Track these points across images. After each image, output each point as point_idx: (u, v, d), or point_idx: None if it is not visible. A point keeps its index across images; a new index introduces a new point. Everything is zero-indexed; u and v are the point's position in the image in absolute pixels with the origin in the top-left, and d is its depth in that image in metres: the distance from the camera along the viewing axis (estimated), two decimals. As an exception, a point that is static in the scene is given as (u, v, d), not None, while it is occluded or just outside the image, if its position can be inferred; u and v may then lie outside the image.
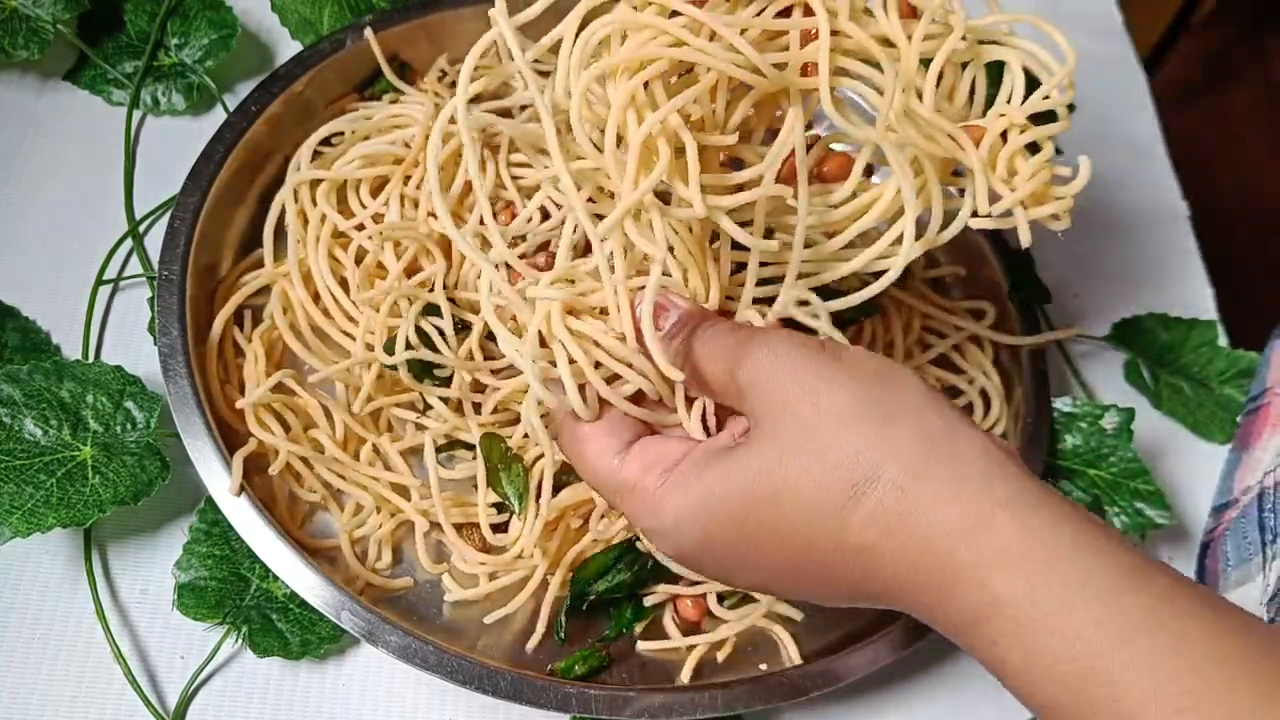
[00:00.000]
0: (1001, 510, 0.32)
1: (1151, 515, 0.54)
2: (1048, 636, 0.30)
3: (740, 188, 0.38)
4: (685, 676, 0.46)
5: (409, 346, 0.47)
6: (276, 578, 0.45)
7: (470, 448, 0.49)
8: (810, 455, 0.33)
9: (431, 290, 0.49)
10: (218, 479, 0.44)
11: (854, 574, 0.33)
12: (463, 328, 0.49)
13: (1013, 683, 0.33)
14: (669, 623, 0.48)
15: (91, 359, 0.51)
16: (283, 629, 0.45)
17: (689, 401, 0.38)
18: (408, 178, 0.52)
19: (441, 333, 0.48)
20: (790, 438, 0.34)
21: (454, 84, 0.59)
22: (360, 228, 0.52)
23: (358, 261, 0.51)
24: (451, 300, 0.49)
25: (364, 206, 0.52)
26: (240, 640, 0.45)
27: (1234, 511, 0.55)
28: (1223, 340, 0.62)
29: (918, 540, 0.32)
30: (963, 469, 0.33)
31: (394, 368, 0.47)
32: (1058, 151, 0.72)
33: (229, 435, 0.47)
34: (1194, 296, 0.64)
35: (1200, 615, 0.30)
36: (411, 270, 0.51)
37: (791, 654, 0.47)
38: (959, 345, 0.56)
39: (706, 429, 0.38)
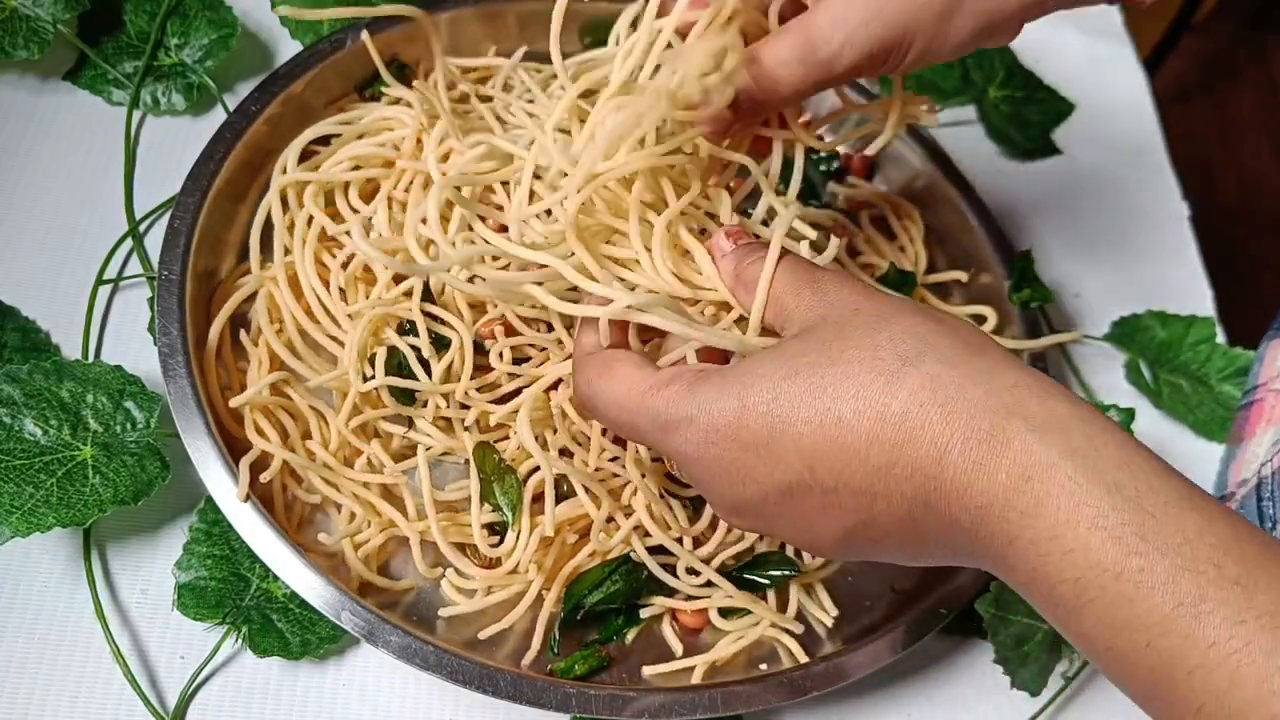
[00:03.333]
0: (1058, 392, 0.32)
1: (1151, 515, 0.54)
2: (1104, 494, 0.29)
3: None
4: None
5: (388, 372, 0.47)
6: (276, 578, 0.45)
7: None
8: (861, 329, 0.34)
9: (415, 295, 0.49)
10: (218, 479, 0.44)
11: (891, 440, 0.32)
12: (444, 344, 0.49)
13: (1044, 554, 0.30)
14: (668, 632, 0.48)
15: (91, 359, 0.51)
16: (283, 629, 0.45)
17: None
18: (398, 181, 0.52)
19: (419, 353, 0.47)
20: (837, 322, 0.34)
21: (451, 84, 0.59)
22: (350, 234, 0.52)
23: (344, 266, 0.50)
24: (433, 316, 0.49)
25: (353, 210, 0.52)
26: (240, 640, 0.45)
27: (1231, 504, 0.55)
28: (1221, 339, 0.62)
29: (969, 402, 0.31)
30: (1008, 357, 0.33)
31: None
32: (1058, 151, 0.72)
33: (229, 436, 0.47)
34: (1193, 296, 0.64)
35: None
36: (401, 273, 0.51)
37: (798, 655, 0.47)
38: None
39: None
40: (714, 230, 0.41)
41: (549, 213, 0.42)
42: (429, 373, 0.48)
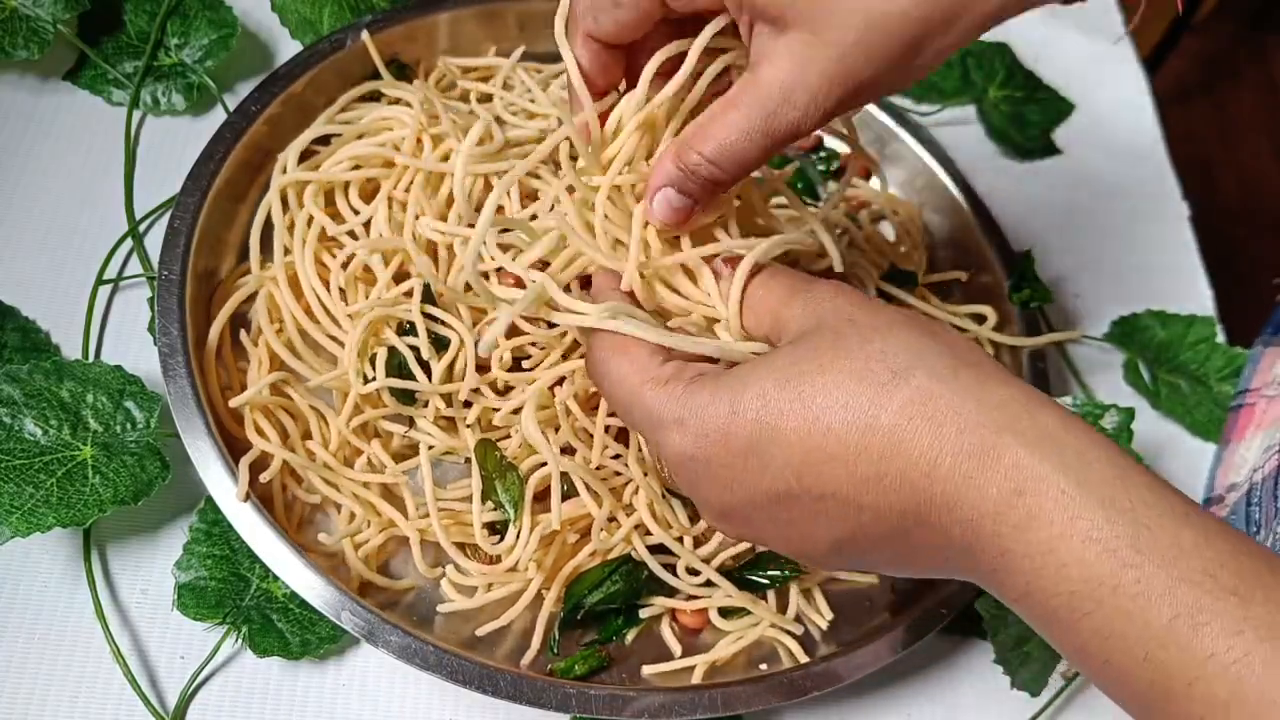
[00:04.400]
0: (1050, 404, 0.32)
1: (1151, 515, 0.54)
2: (1096, 508, 0.29)
3: None
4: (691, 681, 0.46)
5: (389, 372, 0.47)
6: (276, 578, 0.45)
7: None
8: (854, 340, 0.33)
9: (417, 297, 0.49)
10: (218, 479, 0.44)
11: (880, 452, 0.32)
12: (444, 345, 0.48)
13: (1026, 576, 0.30)
14: (667, 633, 0.48)
15: (91, 359, 0.51)
16: (283, 629, 0.45)
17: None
18: (398, 181, 0.52)
19: (418, 354, 0.47)
20: (831, 331, 0.34)
21: (452, 84, 0.59)
22: (351, 234, 0.52)
23: (344, 266, 0.50)
24: (432, 317, 0.49)
25: (354, 210, 0.52)
26: (240, 640, 0.45)
27: (1222, 510, 0.55)
28: (1221, 338, 0.62)
29: (960, 417, 0.31)
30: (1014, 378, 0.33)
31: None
32: (1058, 151, 0.72)
33: (229, 436, 0.47)
34: (1193, 297, 0.65)
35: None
36: (401, 274, 0.51)
37: (798, 655, 0.47)
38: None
39: None
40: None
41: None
42: (429, 373, 0.48)
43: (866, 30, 0.35)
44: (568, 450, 0.48)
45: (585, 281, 0.49)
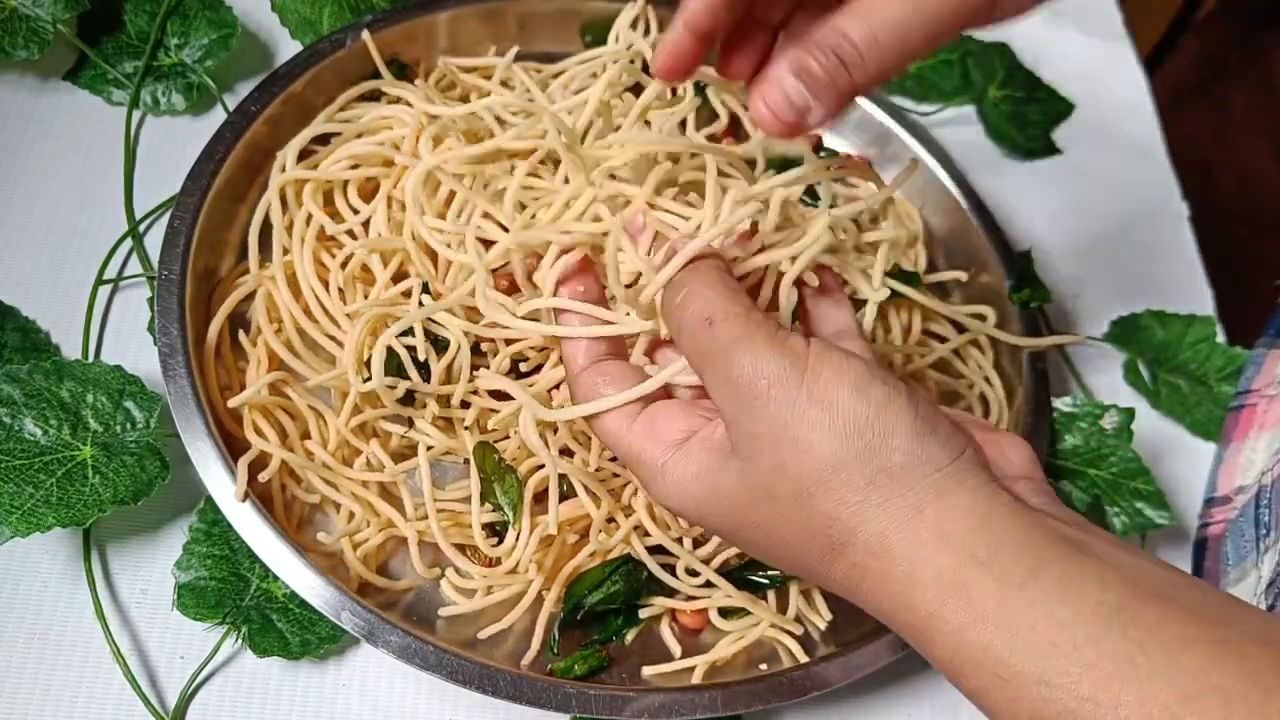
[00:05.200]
0: (980, 569, 0.31)
1: (1151, 515, 0.54)
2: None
3: None
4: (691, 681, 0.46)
5: (387, 372, 0.47)
6: (276, 578, 0.45)
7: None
8: (791, 508, 0.33)
9: (416, 297, 0.48)
10: (218, 479, 0.44)
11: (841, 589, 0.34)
12: (443, 346, 0.48)
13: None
14: (667, 633, 0.48)
15: (91, 359, 0.51)
16: (283, 629, 0.45)
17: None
18: (397, 180, 0.52)
19: (414, 355, 0.47)
20: (771, 483, 0.33)
21: (452, 84, 0.59)
22: (350, 234, 0.52)
23: (343, 266, 0.50)
24: (431, 318, 0.49)
25: (353, 210, 0.52)
26: (240, 640, 0.45)
27: (1228, 511, 0.55)
28: (1221, 338, 0.62)
29: (894, 595, 0.32)
30: (948, 529, 0.31)
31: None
32: (1058, 151, 0.72)
33: (229, 436, 0.47)
34: (1193, 297, 0.64)
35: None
36: (401, 273, 0.51)
37: (798, 655, 0.47)
38: (959, 350, 0.56)
39: None
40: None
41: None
42: (429, 374, 0.48)
43: None
44: (566, 452, 0.48)
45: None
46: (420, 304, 0.48)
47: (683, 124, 0.60)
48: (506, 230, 0.44)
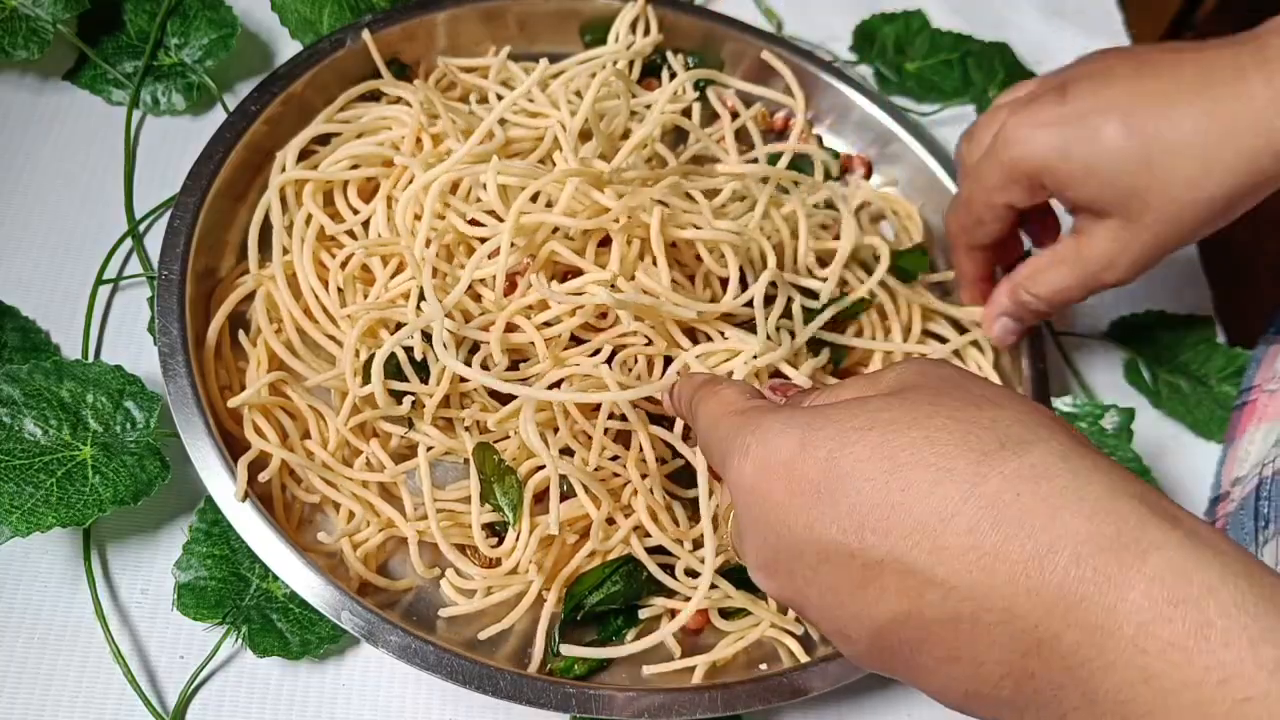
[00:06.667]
0: None
1: (1151, 515, 0.54)
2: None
3: None
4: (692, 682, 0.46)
5: (387, 373, 0.47)
6: (276, 578, 0.45)
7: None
8: (960, 401, 0.30)
9: (414, 302, 0.48)
10: (218, 479, 0.44)
11: (971, 521, 0.27)
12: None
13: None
14: (667, 633, 0.48)
15: (91, 359, 0.51)
16: (283, 629, 0.45)
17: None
18: (397, 181, 0.52)
19: (411, 354, 0.47)
20: (936, 389, 0.31)
21: (451, 84, 0.59)
22: (350, 234, 0.52)
23: (343, 266, 0.50)
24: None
25: (353, 210, 0.52)
26: (240, 640, 0.45)
27: (1230, 505, 0.55)
28: (1221, 339, 0.62)
29: (1087, 501, 0.26)
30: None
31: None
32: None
33: (229, 436, 0.47)
34: (1193, 297, 0.64)
35: None
36: (401, 273, 0.50)
37: (798, 655, 0.47)
38: (959, 351, 0.57)
39: None
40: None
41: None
42: (427, 375, 0.48)
43: (1177, 217, 0.44)
44: (566, 452, 0.48)
45: (565, 274, 0.49)
46: (419, 308, 0.48)
47: (687, 111, 0.60)
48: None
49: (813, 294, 0.53)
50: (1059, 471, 0.27)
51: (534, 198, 0.49)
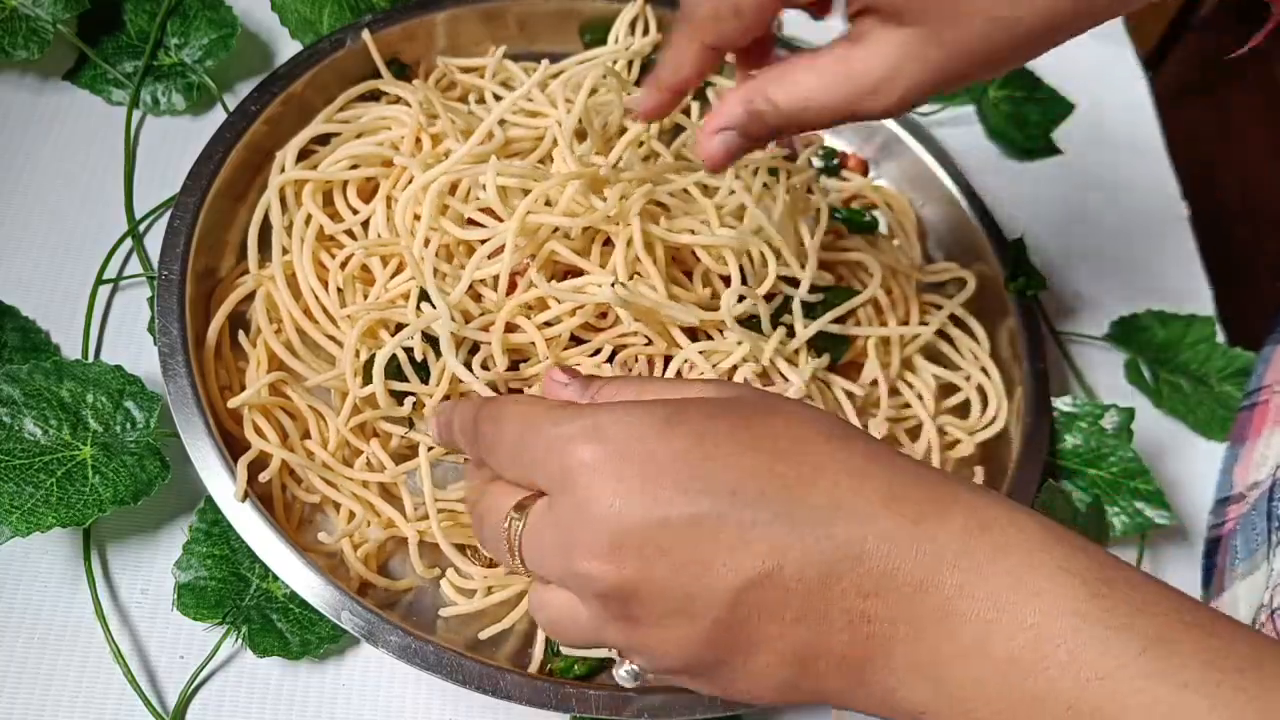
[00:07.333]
0: None
1: (1151, 515, 0.54)
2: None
3: None
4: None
5: (387, 374, 0.47)
6: (276, 578, 0.45)
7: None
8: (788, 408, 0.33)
9: (414, 303, 0.48)
10: (218, 479, 0.44)
11: (834, 478, 0.31)
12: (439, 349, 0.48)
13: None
14: None
15: (91, 359, 0.51)
16: (283, 629, 0.45)
17: None
18: (396, 181, 0.52)
19: (411, 355, 0.47)
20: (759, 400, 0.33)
21: (452, 84, 0.59)
22: (350, 234, 0.52)
23: (343, 266, 0.50)
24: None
25: (352, 210, 0.52)
26: (240, 640, 0.45)
27: (1242, 506, 0.55)
28: (1221, 339, 0.62)
29: (911, 478, 0.31)
30: None
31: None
32: (1058, 151, 0.72)
33: (229, 436, 0.47)
34: (1193, 296, 0.65)
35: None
36: (400, 272, 0.50)
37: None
38: (953, 339, 0.57)
39: None
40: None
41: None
42: (427, 375, 0.48)
43: (983, 35, 0.35)
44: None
45: (565, 274, 0.49)
46: (419, 309, 0.48)
47: (686, 110, 0.60)
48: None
49: (794, 281, 0.52)
50: (896, 464, 0.31)
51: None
